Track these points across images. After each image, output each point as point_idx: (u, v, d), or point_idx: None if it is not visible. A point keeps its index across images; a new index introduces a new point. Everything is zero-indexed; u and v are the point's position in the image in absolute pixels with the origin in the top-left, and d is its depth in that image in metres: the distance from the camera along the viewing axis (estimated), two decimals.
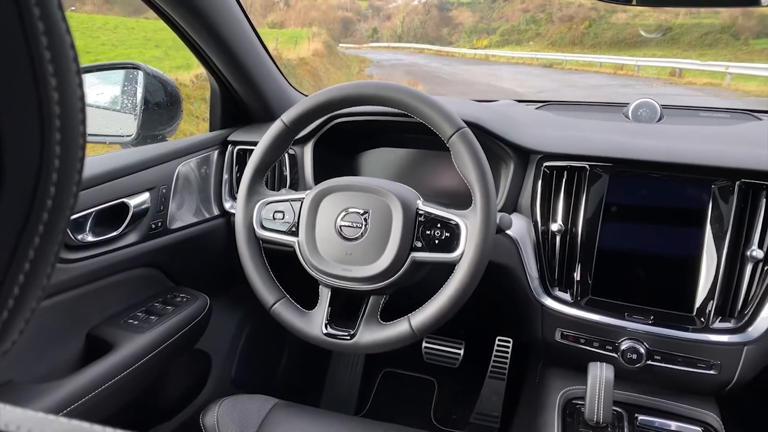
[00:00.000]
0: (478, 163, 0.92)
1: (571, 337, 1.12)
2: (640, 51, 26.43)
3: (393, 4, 48.30)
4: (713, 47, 24.91)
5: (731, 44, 24.84)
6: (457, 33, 42.44)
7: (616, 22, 32.30)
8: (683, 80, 15.06)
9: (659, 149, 1.09)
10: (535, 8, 40.47)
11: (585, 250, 1.11)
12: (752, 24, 25.55)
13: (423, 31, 43.27)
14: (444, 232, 0.94)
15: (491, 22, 42.65)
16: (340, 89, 0.99)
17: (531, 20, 39.30)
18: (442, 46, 35.80)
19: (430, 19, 44.63)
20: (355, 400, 1.82)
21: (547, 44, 33.65)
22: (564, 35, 34.21)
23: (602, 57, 23.10)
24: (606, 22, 33.05)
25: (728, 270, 1.02)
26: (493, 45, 35.46)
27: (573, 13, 35.92)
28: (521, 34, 37.90)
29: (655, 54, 24.19)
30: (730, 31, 25.86)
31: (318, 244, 0.99)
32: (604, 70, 19.07)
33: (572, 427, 1.05)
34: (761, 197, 1.02)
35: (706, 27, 27.04)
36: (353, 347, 0.98)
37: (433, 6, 45.86)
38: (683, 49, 25.33)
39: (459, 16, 44.50)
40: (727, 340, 1.01)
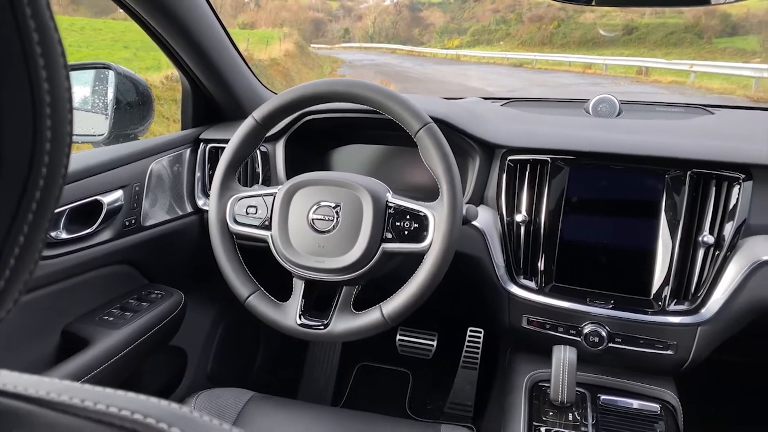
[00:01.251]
0: (444, 156, 0.96)
1: (537, 322, 1.17)
2: (608, 50, 26.90)
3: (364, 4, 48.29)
4: (678, 46, 25.48)
5: (695, 43, 25.45)
6: (429, 33, 42.66)
7: (584, 22, 32.83)
8: (650, 78, 15.39)
9: (617, 142, 1.15)
10: (505, 8, 40.90)
11: (548, 239, 1.15)
12: (715, 23, 26.23)
13: (395, 32, 43.39)
14: (413, 223, 0.98)
15: (462, 23, 42.97)
16: (311, 86, 1.02)
17: (501, 20, 39.70)
18: (414, 47, 35.95)
19: (401, 20, 44.76)
20: (331, 393, 1.85)
21: (518, 44, 34.04)
22: (533, 35, 34.64)
23: (571, 56, 23.48)
24: (574, 22, 33.58)
25: (682, 255, 1.08)
26: (464, 45, 35.74)
27: (542, 14, 36.40)
28: (492, 34, 38.26)
29: (622, 53, 24.65)
30: (694, 30, 26.49)
31: (291, 237, 1.02)
32: (574, 69, 19.37)
33: (538, 409, 1.10)
34: (711, 186, 1.08)
35: (671, 27, 27.64)
36: (327, 336, 1.01)
37: (404, 6, 46.03)
38: (649, 48, 25.86)
39: (430, 17, 44.73)
40: (682, 322, 1.07)
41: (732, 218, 1.06)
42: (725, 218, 1.07)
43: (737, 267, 1.04)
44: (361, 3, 48.93)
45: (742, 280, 1.03)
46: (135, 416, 0.26)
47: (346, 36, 44.25)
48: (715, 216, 1.07)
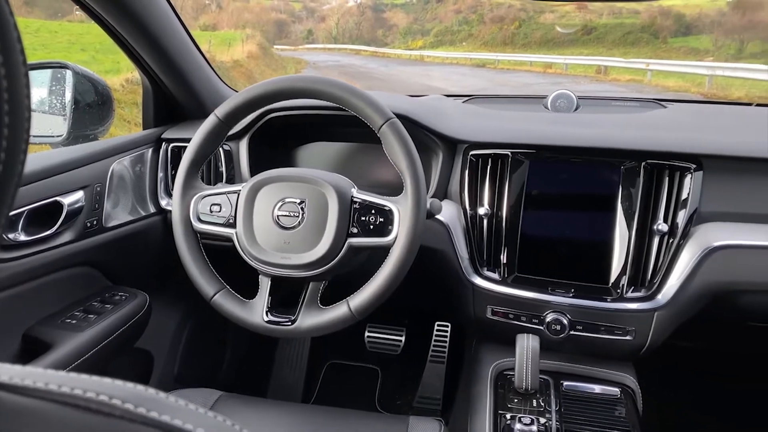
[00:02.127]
0: (407, 151, 0.97)
1: (501, 313, 1.20)
2: (568, 50, 27.41)
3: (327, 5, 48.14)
4: (635, 45, 26.11)
5: (651, 43, 26.11)
6: (392, 34, 42.80)
7: (545, 22, 33.37)
8: (608, 77, 15.73)
9: (574, 135, 1.18)
10: (467, 9, 41.27)
11: (510, 231, 1.18)
12: (670, 23, 26.97)
13: (358, 33, 43.39)
14: (378, 217, 0.99)
15: (425, 24, 43.20)
16: (273, 83, 1.03)
17: (463, 21, 40.06)
18: (378, 48, 36.01)
19: (364, 21, 44.78)
20: (301, 391, 1.85)
21: (480, 44, 34.40)
22: (495, 35, 35.07)
23: (533, 56, 23.83)
24: (535, 22, 34.10)
25: (638, 244, 1.12)
26: (427, 46, 35.93)
27: (503, 14, 36.87)
28: (454, 34, 38.57)
29: (582, 52, 25.14)
30: (650, 30, 27.18)
31: (256, 234, 1.02)
32: (535, 69, 19.66)
33: (503, 397, 1.12)
34: (664, 176, 1.12)
35: (628, 26, 28.30)
36: (294, 332, 1.01)
37: (368, 7, 46.07)
38: (608, 47, 26.42)
39: (393, 18, 44.88)
40: (639, 308, 1.11)
41: (684, 207, 1.11)
42: (678, 207, 1.11)
43: (690, 253, 1.09)
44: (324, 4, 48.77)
45: (695, 266, 1.08)
46: (100, 398, 0.26)
47: (310, 37, 44.05)
48: (669, 205, 1.11)
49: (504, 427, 1.04)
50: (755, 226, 1.10)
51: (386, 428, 1.07)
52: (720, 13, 25.77)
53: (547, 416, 1.07)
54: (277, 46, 32.56)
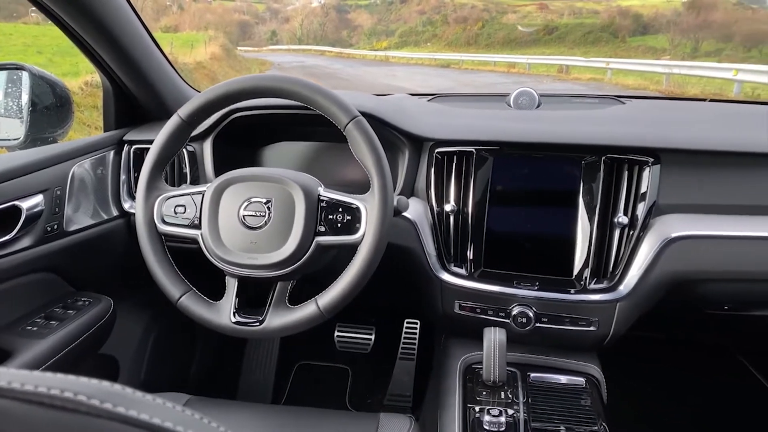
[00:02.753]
0: (373, 148, 0.98)
1: (468, 307, 1.21)
2: (531, 50, 27.82)
3: (291, 6, 47.84)
4: (595, 45, 26.65)
5: (611, 42, 26.68)
6: (357, 35, 42.79)
7: (507, 22, 33.81)
8: (570, 76, 16.02)
9: (537, 132, 1.21)
10: (430, 10, 41.53)
11: (476, 227, 1.20)
12: (628, 23, 27.62)
13: (323, 34, 43.24)
14: (345, 215, 0.99)
15: (389, 24, 43.32)
16: (237, 82, 1.02)
17: (427, 22, 40.31)
18: (343, 48, 35.95)
19: (329, 22, 44.65)
20: (271, 392, 1.84)
21: (444, 45, 34.66)
22: (459, 36, 35.37)
23: (496, 56, 24.09)
24: (498, 23, 34.53)
25: (599, 236, 1.15)
26: (392, 46, 36.04)
27: (467, 15, 37.23)
28: (419, 35, 38.79)
29: (543, 52, 25.54)
30: (609, 30, 27.78)
31: (222, 235, 1.01)
32: (498, 69, 19.87)
33: (472, 390, 1.14)
34: (623, 170, 1.15)
35: (588, 26, 28.87)
36: (263, 332, 1.01)
37: (332, 8, 45.96)
38: (569, 47, 26.91)
39: (357, 19, 44.87)
40: (602, 299, 1.14)
41: (643, 199, 1.14)
42: (637, 200, 1.14)
43: (649, 244, 1.12)
44: (288, 5, 48.46)
45: (655, 257, 1.11)
46: (65, 395, 0.25)
47: (274, 38, 43.73)
48: (629, 198, 1.14)
49: (473, 420, 1.06)
50: (711, 217, 1.14)
51: (357, 426, 1.07)
52: (675, 13, 26.52)
53: (515, 407, 1.08)
54: (241, 48, 32.23)
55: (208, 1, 41.09)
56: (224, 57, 19.28)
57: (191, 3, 38.59)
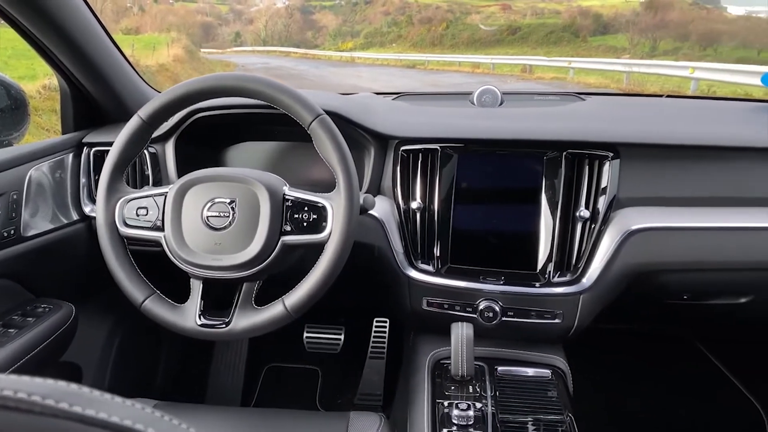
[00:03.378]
0: (338, 146, 0.98)
1: (436, 303, 1.22)
2: (494, 50, 28.08)
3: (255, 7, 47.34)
4: (557, 45, 27.06)
5: (573, 42, 27.13)
6: (322, 36, 42.58)
7: (471, 23, 34.10)
8: (533, 76, 16.24)
9: (500, 129, 1.23)
10: (395, 11, 41.59)
11: (442, 223, 1.21)
12: (588, 23, 28.13)
13: (287, 35, 42.92)
14: (311, 214, 0.99)
15: (354, 25, 43.24)
16: (198, 82, 1.01)
17: (392, 23, 40.36)
18: (308, 49, 35.74)
19: (293, 23, 44.35)
20: (240, 395, 1.82)
21: (409, 46, 34.75)
22: (424, 37, 35.51)
23: (461, 57, 24.30)
24: (462, 23, 34.80)
25: (562, 230, 1.17)
26: (357, 47, 35.97)
27: (431, 15, 37.42)
28: (384, 36, 38.81)
29: (507, 52, 25.80)
30: (571, 29, 28.25)
31: (185, 236, 1.00)
32: (463, 69, 20.02)
33: (441, 385, 1.15)
34: (584, 165, 1.18)
35: (550, 26, 29.30)
36: (229, 334, 1.00)
37: (296, 9, 45.65)
38: (532, 47, 27.25)
39: (322, 19, 44.66)
40: (566, 291, 1.16)
41: (604, 193, 1.17)
42: (598, 194, 1.17)
43: (611, 237, 1.15)
44: (252, 6, 47.95)
45: (616, 249, 1.14)
46: (19, 395, 0.24)
47: (238, 40, 43.22)
48: (590, 192, 1.17)
49: (442, 415, 1.07)
50: (669, 209, 1.17)
51: (326, 426, 1.07)
52: (634, 13, 27.11)
53: (483, 401, 1.10)
54: (205, 50, 31.76)
55: (170, 2, 40.40)
56: (187, 59, 18.97)
57: (152, 4, 37.88)
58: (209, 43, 40.21)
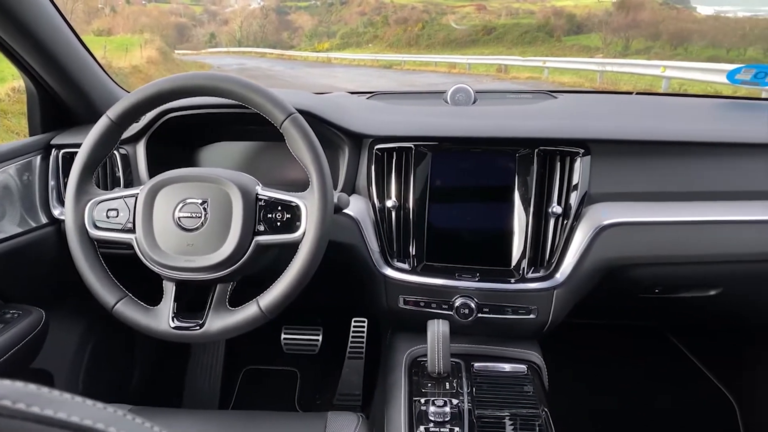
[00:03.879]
0: (311, 145, 0.97)
1: (412, 301, 1.23)
2: (470, 50, 28.26)
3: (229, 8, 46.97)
4: (532, 45, 27.30)
5: (547, 41, 27.40)
6: (298, 37, 42.43)
7: (447, 23, 34.26)
8: (509, 76, 16.36)
9: (473, 126, 1.23)
10: (371, 11, 41.62)
11: (417, 222, 1.21)
12: (562, 23, 28.47)
13: (263, 35, 42.67)
14: (285, 214, 0.98)
15: (331, 26, 43.16)
16: (168, 81, 1.00)
17: (368, 23, 40.37)
18: (284, 50, 35.58)
19: (269, 23, 44.09)
20: (218, 399, 1.80)
21: (386, 46, 34.80)
22: (400, 37, 35.58)
23: (437, 57, 24.37)
24: (437, 23, 34.94)
25: (535, 226, 1.19)
26: (334, 48, 35.90)
27: (407, 16, 37.52)
28: (360, 36, 38.82)
29: (483, 52, 25.98)
30: (545, 29, 28.54)
31: (157, 238, 0.99)
32: (440, 69, 20.09)
33: (418, 383, 1.15)
34: (556, 161, 1.19)
35: (524, 26, 29.55)
36: (203, 336, 0.99)
37: (271, 10, 45.41)
38: (507, 47, 27.45)
39: (298, 20, 44.50)
40: (540, 287, 1.17)
41: (576, 189, 1.18)
42: (570, 190, 1.18)
43: (583, 232, 1.16)
44: (226, 7, 47.56)
45: (588, 244, 1.15)
46: None
47: (213, 41, 42.84)
48: (561, 188, 1.18)
49: (419, 413, 1.07)
50: (640, 204, 1.19)
51: (304, 426, 1.06)
52: (607, 13, 27.50)
53: (459, 397, 1.10)
54: (179, 51, 31.42)
55: (143, 3, 39.87)
56: (161, 60, 18.76)
57: (125, 5, 37.35)
58: (183, 45, 39.79)
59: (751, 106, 1.39)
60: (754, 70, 1.38)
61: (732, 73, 1.43)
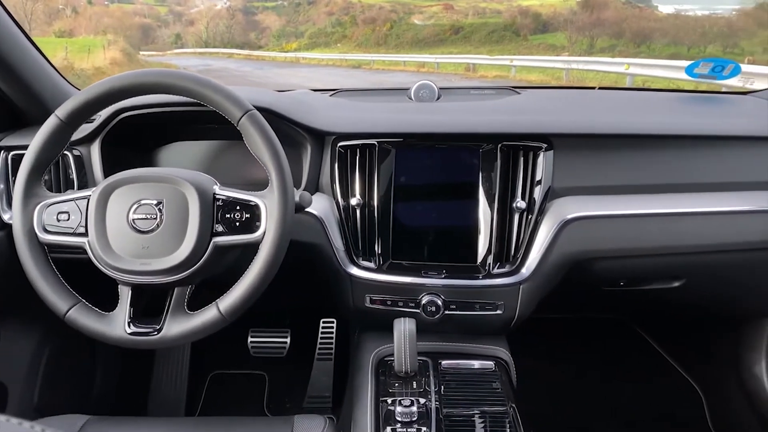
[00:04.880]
0: (269, 142, 0.95)
1: (379, 300, 1.22)
2: (439, 49, 28.38)
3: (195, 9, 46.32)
4: (499, 44, 27.55)
5: (514, 40, 27.67)
6: (266, 37, 42.04)
7: (415, 23, 34.36)
8: (477, 74, 16.49)
9: (436, 122, 1.23)
10: (339, 11, 41.47)
11: (382, 219, 1.20)
12: (528, 22, 28.80)
13: (230, 36, 42.18)
14: (244, 213, 0.96)
15: (298, 26, 42.86)
16: (119, 79, 0.97)
17: (337, 23, 40.22)
18: (252, 50, 35.22)
19: (235, 24, 43.62)
20: (184, 405, 1.77)
21: (354, 46, 34.73)
22: (369, 37, 35.56)
23: (405, 56, 24.43)
24: (405, 23, 35.02)
25: (500, 222, 1.19)
26: (302, 48, 35.66)
27: (375, 15, 37.51)
28: (328, 36, 38.64)
29: (451, 51, 26.13)
30: (512, 28, 28.83)
31: (111, 241, 0.96)
32: (409, 69, 20.15)
33: (384, 383, 1.14)
34: (519, 156, 1.19)
35: (491, 26, 29.81)
36: (161, 341, 0.96)
37: (238, 10, 44.91)
38: (475, 46, 27.65)
39: (265, 20, 44.11)
40: (506, 282, 1.18)
41: (539, 184, 1.18)
42: (534, 185, 1.19)
43: (547, 227, 1.17)
44: (192, 7, 46.88)
45: (552, 239, 1.16)
46: None
47: (179, 42, 42.18)
48: (525, 183, 1.19)
49: (385, 413, 1.06)
50: (603, 198, 1.20)
51: (271, 431, 1.04)
52: (571, 12, 27.91)
53: (427, 396, 1.09)
54: (144, 52, 30.87)
55: (105, 4, 39.04)
56: (126, 62, 18.39)
57: (86, 6, 36.53)
58: (148, 46, 39.12)
59: (711, 99, 1.41)
60: (712, 64, 1.40)
61: (691, 67, 1.45)
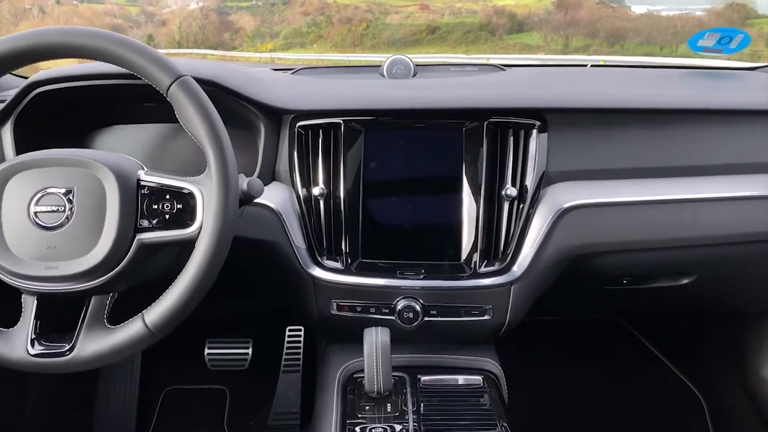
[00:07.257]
0: (204, 114, 0.77)
1: (347, 306, 1.05)
2: (415, 49, 28.35)
3: (167, 9, 45.79)
4: (476, 43, 27.59)
5: (490, 40, 27.73)
6: (240, 37, 41.71)
7: (391, 23, 34.32)
8: None
9: (413, 98, 1.07)
10: (314, 11, 41.28)
11: (350, 212, 1.04)
12: (504, 21, 28.91)
13: (203, 37, 41.77)
14: (175, 204, 0.78)
15: (273, 26, 42.59)
16: (11, 40, 0.78)
17: (312, 23, 40.01)
18: (226, 51, 34.90)
19: (209, 24, 43.22)
20: (134, 425, 1.58)
21: (330, 46, 34.55)
22: (345, 37, 35.41)
23: (382, 56, 24.34)
24: (381, 23, 34.95)
25: (487, 211, 1.03)
26: (278, 48, 35.37)
27: (351, 15, 37.39)
28: (304, 36, 38.42)
29: (428, 51, 26.11)
30: (488, 28, 28.90)
31: (8, 240, 0.77)
32: None
33: (353, 404, 0.97)
34: (509, 136, 1.03)
35: (468, 25, 29.86)
36: (72, 364, 0.78)
37: (212, 10, 44.52)
38: (451, 45, 27.65)
39: (239, 21, 43.79)
40: (494, 282, 1.02)
41: (532, 168, 1.03)
42: (526, 169, 1.03)
43: (542, 218, 1.01)
44: (164, 8, 46.35)
45: (548, 231, 1.01)
46: None
47: (151, 43, 41.66)
48: (516, 167, 1.03)
49: None
50: (605, 183, 1.05)
51: None
52: (546, 12, 28.05)
53: (404, 419, 0.93)
54: None
55: (74, 3, 38.38)
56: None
57: (54, 6, 35.88)
58: None
59: (718, 74, 1.28)
60: (718, 35, 1.26)
61: (694, 39, 1.31)
